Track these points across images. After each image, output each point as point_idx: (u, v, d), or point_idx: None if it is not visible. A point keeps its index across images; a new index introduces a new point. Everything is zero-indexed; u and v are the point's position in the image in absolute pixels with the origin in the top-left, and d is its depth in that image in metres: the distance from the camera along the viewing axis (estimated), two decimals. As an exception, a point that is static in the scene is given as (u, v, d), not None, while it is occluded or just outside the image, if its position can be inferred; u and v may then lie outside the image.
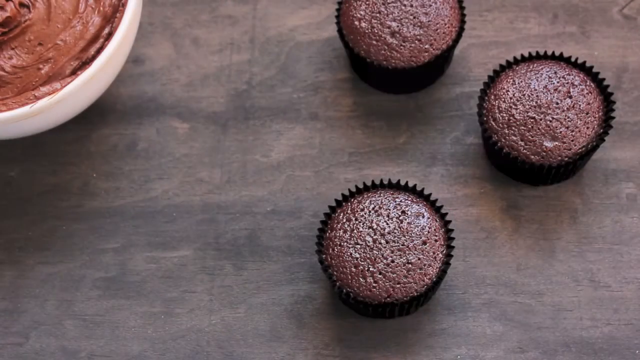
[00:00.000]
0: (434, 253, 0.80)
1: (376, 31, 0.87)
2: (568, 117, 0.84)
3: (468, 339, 0.83)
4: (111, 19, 0.84)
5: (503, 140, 0.84)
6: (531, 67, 0.86)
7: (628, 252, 0.85)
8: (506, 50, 0.92)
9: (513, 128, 0.84)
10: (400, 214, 0.81)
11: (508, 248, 0.86)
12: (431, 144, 0.89)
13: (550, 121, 0.83)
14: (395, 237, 0.80)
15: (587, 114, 0.84)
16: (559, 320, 0.83)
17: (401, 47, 0.87)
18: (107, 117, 0.91)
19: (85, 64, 0.83)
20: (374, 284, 0.79)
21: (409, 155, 0.89)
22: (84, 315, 0.85)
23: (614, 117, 0.84)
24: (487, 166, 0.88)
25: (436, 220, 0.81)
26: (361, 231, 0.81)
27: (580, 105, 0.84)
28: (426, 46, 0.87)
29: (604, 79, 0.85)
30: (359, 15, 0.88)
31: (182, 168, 0.90)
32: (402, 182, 0.84)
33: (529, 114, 0.84)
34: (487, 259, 0.85)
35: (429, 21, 0.87)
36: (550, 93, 0.84)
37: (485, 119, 0.85)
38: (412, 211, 0.81)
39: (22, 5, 0.83)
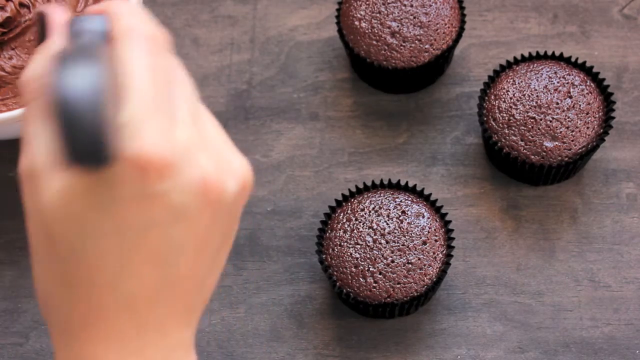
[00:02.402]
0: (434, 253, 0.80)
1: (376, 31, 0.87)
2: (568, 117, 0.84)
3: (468, 339, 0.83)
4: (111, 19, 0.84)
5: (503, 140, 0.84)
6: (531, 67, 0.86)
7: (628, 252, 0.85)
8: (506, 50, 0.92)
9: (513, 128, 0.84)
10: (400, 214, 0.81)
11: (508, 248, 0.86)
12: (431, 144, 0.89)
13: (550, 121, 0.83)
14: (395, 237, 0.80)
15: (587, 114, 0.84)
16: (559, 320, 0.83)
17: (401, 47, 0.87)
18: (107, 117, 0.91)
19: (85, 64, 0.83)
20: (374, 284, 0.80)
21: (409, 155, 0.89)
22: (84, 315, 0.85)
23: (614, 117, 0.84)
24: (487, 166, 0.88)
25: (436, 220, 0.81)
26: (361, 231, 0.81)
27: (580, 105, 0.84)
28: (426, 46, 0.87)
29: (604, 79, 0.85)
30: (359, 15, 0.88)
31: (182, 168, 0.89)
32: (402, 182, 0.84)
33: (529, 114, 0.84)
34: (487, 259, 0.85)
35: (429, 21, 0.87)
36: (551, 93, 0.84)
37: (485, 119, 0.85)
38: (412, 211, 0.81)
39: (22, 5, 0.83)
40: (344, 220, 0.81)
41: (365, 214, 0.81)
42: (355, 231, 0.81)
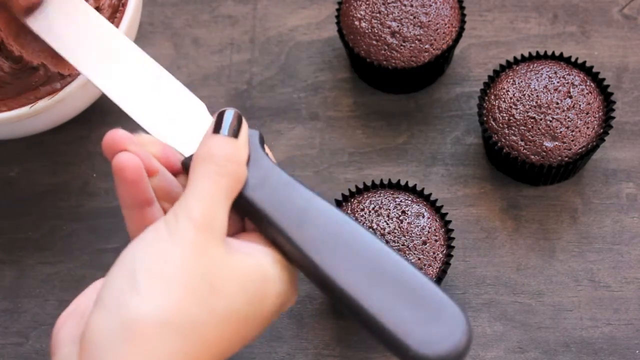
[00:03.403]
0: (434, 253, 0.80)
1: (376, 31, 0.87)
2: (568, 117, 0.84)
3: (468, 339, 0.83)
4: (111, 19, 0.84)
5: (503, 140, 0.84)
6: (531, 67, 0.86)
7: (628, 252, 0.85)
8: (506, 50, 0.92)
9: (513, 128, 0.84)
10: (400, 214, 0.81)
11: (508, 248, 0.86)
12: (431, 144, 0.89)
13: (550, 121, 0.83)
14: (395, 237, 0.80)
15: (587, 114, 0.84)
16: (559, 320, 0.83)
17: (401, 47, 0.87)
18: (107, 117, 0.91)
19: (85, 64, 0.83)
20: (374, 284, 0.79)
21: (409, 155, 0.89)
22: (84, 315, 0.85)
23: (614, 117, 0.84)
24: (487, 166, 0.88)
25: (436, 220, 0.81)
26: (361, 231, 0.81)
27: (580, 105, 0.84)
28: (426, 46, 0.87)
29: (604, 79, 0.85)
30: (359, 15, 0.88)
31: (182, 168, 0.89)
32: (402, 182, 0.84)
33: (529, 114, 0.84)
34: (487, 259, 0.85)
35: (429, 21, 0.87)
36: (550, 93, 0.84)
37: (485, 119, 0.85)
38: (412, 211, 0.81)
39: (22, 5, 0.83)
40: (344, 220, 0.81)
41: (365, 214, 0.81)
42: (355, 231, 0.81)
